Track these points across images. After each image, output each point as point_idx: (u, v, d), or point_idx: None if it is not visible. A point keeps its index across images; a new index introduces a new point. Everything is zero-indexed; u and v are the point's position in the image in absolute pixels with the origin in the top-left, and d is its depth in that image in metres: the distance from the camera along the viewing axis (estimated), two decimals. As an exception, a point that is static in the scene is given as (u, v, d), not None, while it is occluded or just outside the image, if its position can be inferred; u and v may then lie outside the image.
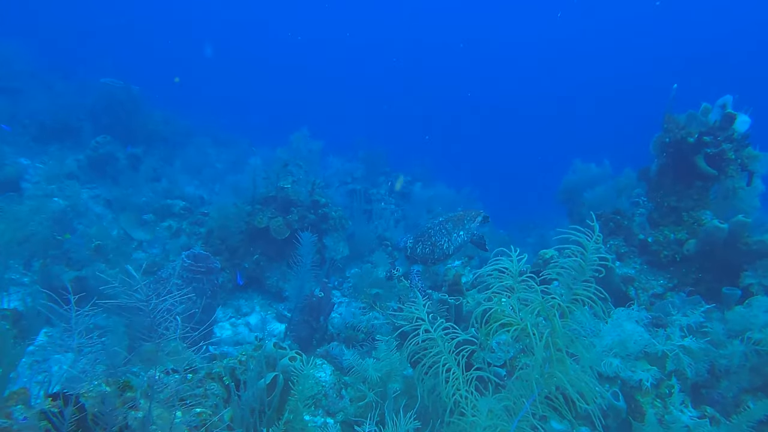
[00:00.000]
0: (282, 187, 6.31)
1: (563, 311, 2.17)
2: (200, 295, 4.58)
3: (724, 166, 4.47)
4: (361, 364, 3.02)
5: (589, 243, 2.22)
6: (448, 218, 4.25)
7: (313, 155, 6.88)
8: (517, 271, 2.32)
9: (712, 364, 2.84)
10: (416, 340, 2.24)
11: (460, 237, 4.13)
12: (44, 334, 4.90)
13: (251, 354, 2.85)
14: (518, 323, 2.14)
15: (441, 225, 4.21)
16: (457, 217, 4.28)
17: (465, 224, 4.22)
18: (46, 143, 10.90)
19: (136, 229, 6.56)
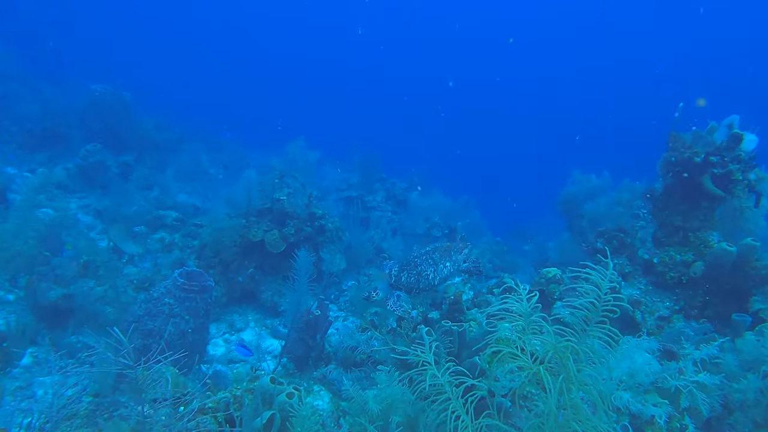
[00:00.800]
0: (278, 199, 6.20)
1: (578, 353, 2.08)
2: (193, 314, 4.47)
3: (732, 186, 4.43)
4: (361, 396, 2.91)
5: (603, 282, 2.14)
6: (435, 248, 4.23)
7: (309, 166, 6.78)
8: (527, 310, 2.23)
9: (725, 398, 2.77)
10: (423, 386, 2.13)
11: (446, 268, 4.12)
12: (29, 354, 4.75)
13: (246, 387, 2.74)
14: (531, 367, 2.05)
15: (428, 254, 4.19)
16: (445, 247, 4.24)
17: (452, 255, 4.21)
18: (33, 151, 10.73)
19: (127, 241, 6.42)
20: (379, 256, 7.71)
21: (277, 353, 5.51)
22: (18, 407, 3.70)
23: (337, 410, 3.42)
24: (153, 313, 4.28)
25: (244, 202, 6.20)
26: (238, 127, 20.96)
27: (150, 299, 4.34)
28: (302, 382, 4.20)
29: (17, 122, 11.44)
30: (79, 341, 5.04)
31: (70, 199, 8.89)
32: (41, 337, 5.01)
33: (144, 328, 4.24)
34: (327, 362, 4.83)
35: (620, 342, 3.09)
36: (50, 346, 4.92)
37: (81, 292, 5.11)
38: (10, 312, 5.31)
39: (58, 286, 5.20)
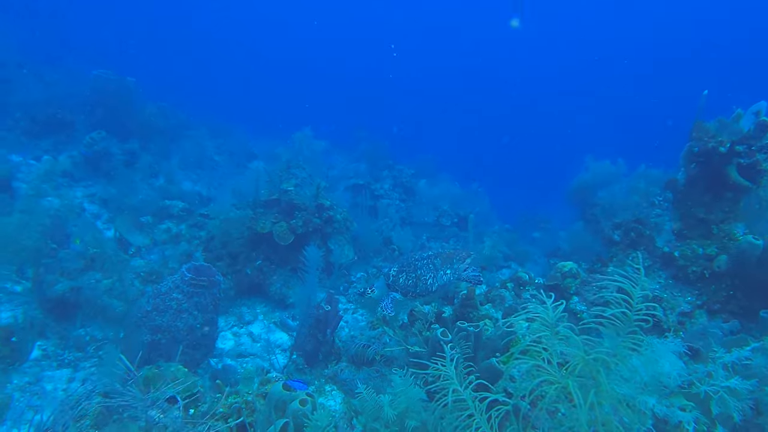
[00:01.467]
0: (285, 190, 6.10)
1: (608, 365, 1.98)
2: (202, 310, 4.41)
3: (758, 177, 4.26)
4: (375, 400, 2.84)
5: (635, 290, 2.02)
6: (437, 254, 4.18)
7: (316, 155, 6.66)
8: (553, 319, 2.12)
9: (756, 402, 2.67)
10: (445, 401, 2.04)
11: (447, 275, 4.08)
12: (38, 347, 4.73)
13: (257, 392, 2.68)
14: (558, 380, 1.96)
15: (429, 259, 4.14)
16: (447, 254, 4.19)
17: (453, 263, 4.16)
18: (38, 138, 10.66)
19: (134, 232, 6.37)
20: (389, 247, 7.61)
21: (286, 347, 5.48)
22: (28, 403, 3.67)
23: (350, 410, 3.37)
24: (161, 308, 4.23)
25: (251, 193, 6.11)
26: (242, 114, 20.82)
27: (158, 294, 4.29)
28: (313, 380, 4.15)
29: (21, 108, 11.35)
30: (88, 334, 5.02)
31: (75, 188, 8.85)
32: (49, 330, 5.00)
33: (152, 323, 4.20)
34: (337, 357, 4.78)
35: (645, 345, 2.99)
36: (58, 339, 4.91)
37: (88, 285, 5.08)
38: (17, 304, 5.30)
39: (65, 279, 5.16)
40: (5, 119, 10.98)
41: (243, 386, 3.79)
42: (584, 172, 9.63)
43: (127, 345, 4.17)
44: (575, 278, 4.83)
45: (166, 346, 4.21)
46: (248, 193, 6.29)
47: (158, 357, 4.19)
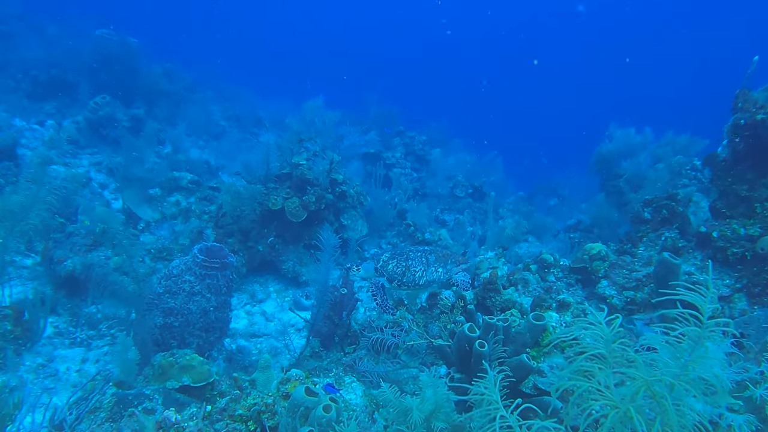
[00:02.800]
0: (297, 164, 5.86)
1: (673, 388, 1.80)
2: (215, 292, 4.29)
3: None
4: (401, 402, 2.71)
5: (705, 303, 1.81)
6: (433, 250, 4.05)
7: (329, 127, 6.36)
8: (610, 335, 1.92)
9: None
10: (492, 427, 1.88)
11: (437, 273, 3.95)
12: (50, 324, 4.68)
13: (278, 392, 2.55)
14: (616, 404, 1.78)
15: (423, 253, 4.01)
16: (443, 254, 4.07)
17: (447, 264, 4.05)
18: (41, 100, 10.43)
19: (142, 206, 6.21)
20: (403, 222, 7.41)
21: (300, 326, 5.41)
22: (42, 386, 3.63)
23: (371, 403, 3.28)
24: (173, 290, 4.11)
25: (262, 167, 5.87)
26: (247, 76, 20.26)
27: (170, 276, 4.16)
28: (331, 366, 4.06)
29: (22, 67, 11.08)
30: (99, 311, 4.96)
31: (81, 156, 8.68)
32: (60, 306, 4.94)
33: (165, 305, 4.09)
34: (354, 340, 4.69)
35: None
36: (70, 317, 4.86)
37: (98, 262, 4.97)
38: (27, 279, 5.23)
39: (74, 255, 5.06)
40: (6, 80, 10.73)
41: (259, 374, 3.71)
42: (607, 142, 9.23)
43: (139, 327, 4.08)
44: (604, 261, 4.63)
45: (179, 329, 4.12)
46: (258, 166, 6.06)
47: (171, 339, 4.11)
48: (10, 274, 5.13)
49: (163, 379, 3.31)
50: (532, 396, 3.19)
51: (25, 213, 4.29)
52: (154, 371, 3.36)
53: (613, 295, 4.30)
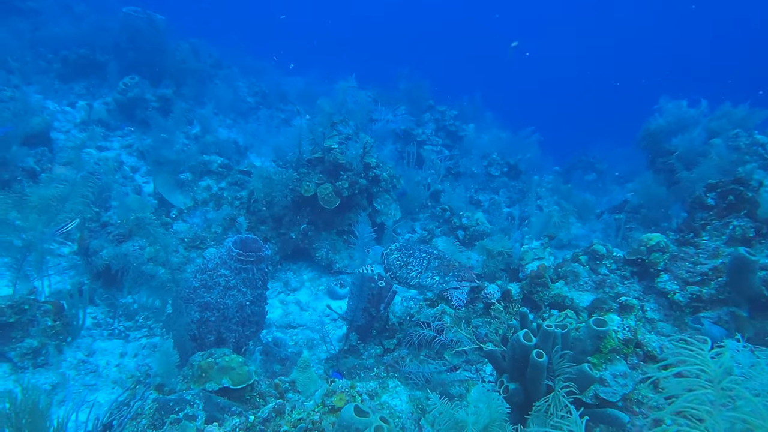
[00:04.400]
0: (329, 148, 5.64)
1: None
2: (250, 286, 4.19)
3: None
4: (452, 415, 2.54)
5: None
6: (439, 256, 3.75)
7: (361, 108, 6.07)
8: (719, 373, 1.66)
9: None
10: None
11: (432, 281, 3.66)
12: (88, 315, 4.71)
13: (324, 407, 2.42)
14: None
15: (428, 256, 3.73)
16: (448, 264, 3.74)
17: (447, 276, 3.69)
18: (71, 81, 10.47)
19: (174, 191, 6.14)
20: (438, 205, 7.13)
21: (334, 316, 5.30)
22: (83, 382, 3.63)
23: (417, 409, 3.13)
24: (209, 285, 4.03)
25: (293, 151, 5.67)
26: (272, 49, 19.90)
27: (205, 270, 4.07)
28: (371, 364, 3.94)
29: (52, 46, 11.13)
30: (136, 302, 4.96)
31: (111, 139, 8.68)
32: (98, 296, 4.96)
33: (201, 300, 4.02)
34: (392, 333, 4.55)
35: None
36: (107, 307, 4.88)
37: (132, 252, 4.94)
38: (64, 268, 5.27)
39: (109, 245, 5.04)
40: (38, 60, 10.77)
41: (299, 374, 3.62)
42: (656, 116, 8.62)
43: (176, 321, 4.03)
44: (663, 252, 4.27)
45: (216, 323, 4.06)
46: (289, 149, 5.86)
47: (208, 334, 4.06)
48: (48, 263, 5.17)
49: (202, 380, 3.24)
50: (593, 406, 2.98)
51: (62, 204, 4.24)
52: (194, 372, 3.30)
53: (675, 291, 3.97)
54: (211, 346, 4.02)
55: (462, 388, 3.55)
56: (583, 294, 4.17)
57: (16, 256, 4.00)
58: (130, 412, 2.81)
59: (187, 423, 2.80)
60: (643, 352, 3.09)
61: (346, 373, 3.92)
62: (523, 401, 2.88)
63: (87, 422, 2.92)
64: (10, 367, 3.32)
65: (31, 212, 4.11)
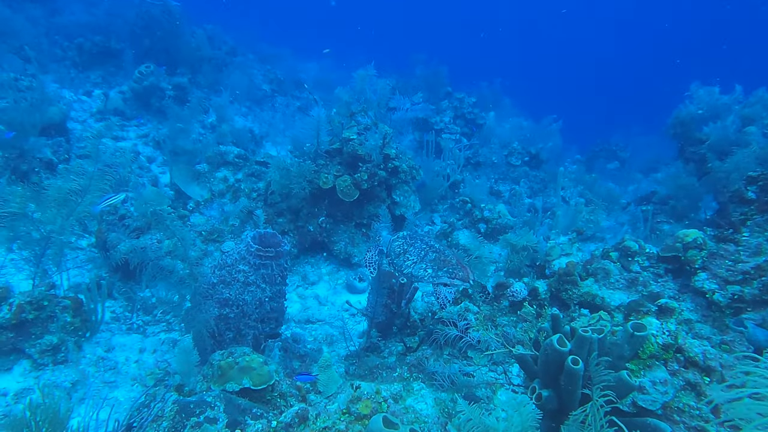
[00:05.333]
0: (348, 139, 5.50)
1: None
2: (269, 282, 4.11)
3: None
4: (482, 422, 2.43)
5: None
6: (437, 250, 3.67)
7: (381, 97, 5.89)
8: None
9: None
10: None
11: (425, 273, 3.59)
12: (107, 309, 4.70)
13: (350, 417, 2.32)
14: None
15: (427, 248, 3.66)
16: (443, 259, 3.64)
17: (440, 271, 3.60)
18: (86, 69, 10.46)
19: (191, 183, 6.08)
20: (459, 198, 6.96)
21: (353, 311, 5.21)
22: (102, 379, 3.61)
23: (443, 414, 3.03)
24: (228, 281, 3.95)
25: (311, 142, 5.54)
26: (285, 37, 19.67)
27: (224, 266, 4.00)
28: (393, 363, 3.84)
29: (67, 33, 11.12)
30: (154, 295, 4.93)
31: (128, 128, 8.66)
32: (116, 289, 4.94)
33: (219, 296, 3.95)
34: (413, 330, 4.45)
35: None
36: (126, 301, 4.86)
37: (150, 246, 4.90)
38: (83, 260, 5.26)
39: (127, 239, 5.01)
40: (53, 48, 10.77)
41: (320, 374, 3.54)
42: (687, 103, 8.27)
43: (194, 317, 3.98)
44: (701, 249, 4.07)
45: (235, 320, 3.99)
46: (306, 139, 5.73)
47: (227, 331, 4.00)
48: (66, 256, 5.16)
49: (222, 380, 3.18)
50: (631, 415, 2.84)
51: (80, 197, 4.19)
52: (213, 372, 3.23)
53: (715, 290, 3.78)
54: (230, 343, 3.97)
55: (489, 390, 3.43)
56: (614, 292, 4.01)
57: (34, 250, 3.97)
58: (151, 415, 2.75)
59: (208, 426, 2.74)
60: (685, 357, 2.92)
61: (368, 373, 3.84)
62: (556, 409, 2.76)
63: (108, 421, 2.89)
64: (31, 364, 3.30)
65: (49, 205, 4.07)
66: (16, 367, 3.26)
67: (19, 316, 3.28)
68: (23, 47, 9.17)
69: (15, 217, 3.77)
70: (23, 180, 5.61)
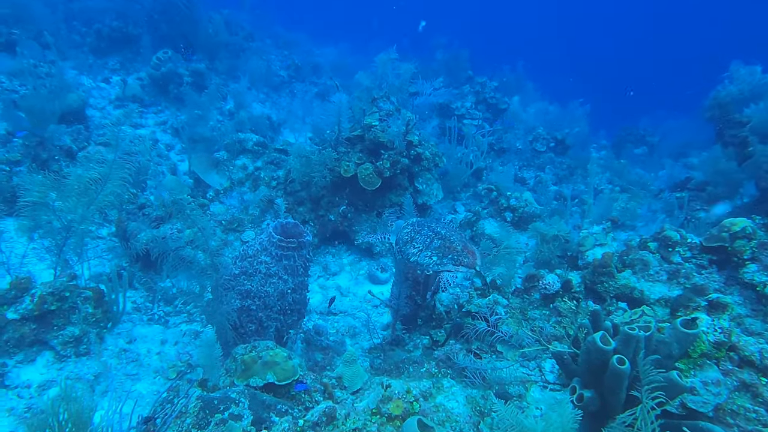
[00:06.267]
0: (370, 126, 5.33)
1: None
2: (292, 273, 4.01)
3: None
4: (519, 421, 2.30)
5: None
6: (443, 237, 3.62)
7: (403, 82, 5.69)
8: None
9: None
10: None
11: (429, 260, 3.57)
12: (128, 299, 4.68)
13: (381, 418, 2.21)
14: None
15: (434, 235, 3.63)
16: (448, 246, 3.59)
17: (444, 258, 3.56)
18: (104, 55, 10.44)
19: (210, 171, 6.01)
20: (486, 188, 6.74)
21: (376, 302, 5.11)
22: (125, 372, 3.58)
23: (475, 412, 2.91)
24: (249, 272, 3.87)
25: (331, 128, 5.40)
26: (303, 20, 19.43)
27: (245, 256, 3.92)
28: (419, 357, 3.73)
29: (85, 19, 11.12)
30: (174, 286, 4.90)
31: (146, 115, 8.63)
32: (136, 279, 4.92)
33: (241, 288, 3.88)
34: (439, 323, 4.32)
35: None
36: (146, 291, 4.84)
37: (170, 235, 4.85)
38: (103, 250, 5.25)
39: (147, 228, 4.97)
40: (72, 34, 10.78)
41: (345, 369, 3.45)
42: (726, 83, 7.85)
43: (216, 309, 3.91)
44: (750, 239, 3.81)
45: (257, 312, 3.92)
46: (326, 126, 5.59)
47: (249, 323, 3.93)
48: (87, 245, 5.15)
49: (246, 375, 3.11)
50: (681, 417, 2.68)
51: (101, 186, 4.14)
52: (237, 366, 3.16)
53: (766, 283, 3.54)
54: (252, 336, 3.91)
55: (521, 387, 3.30)
56: (654, 285, 3.81)
57: (56, 240, 3.94)
58: (175, 411, 2.69)
59: (233, 423, 2.67)
60: (739, 356, 2.74)
61: (394, 368, 3.73)
62: (598, 410, 2.61)
63: (131, 415, 2.85)
64: (54, 356, 3.28)
65: (70, 194, 4.02)
66: (39, 359, 3.25)
67: (42, 307, 3.26)
68: (42, 33, 9.17)
69: (36, 207, 3.73)
70: (44, 168, 5.61)
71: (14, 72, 7.93)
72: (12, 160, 5.71)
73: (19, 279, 3.38)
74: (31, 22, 9.71)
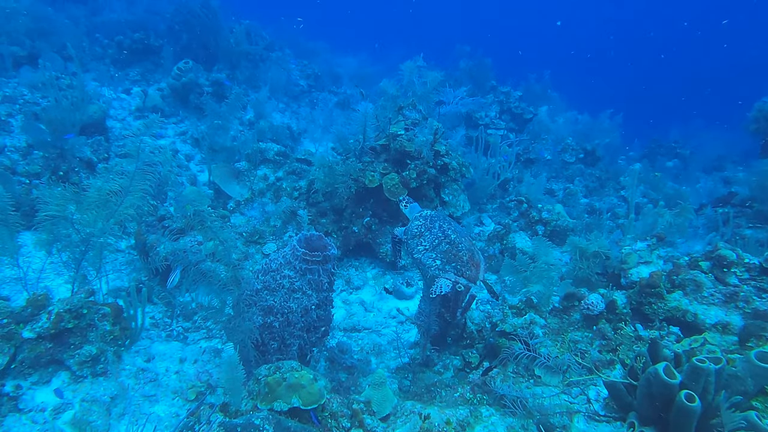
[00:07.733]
0: (395, 135, 5.20)
1: None
2: (316, 288, 3.86)
3: None
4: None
5: None
6: (451, 242, 3.62)
7: (430, 91, 5.57)
8: None
9: None
10: None
11: (433, 262, 3.61)
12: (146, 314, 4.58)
13: None
14: None
15: (443, 238, 3.63)
16: (454, 253, 3.61)
17: (446, 265, 3.58)
18: (125, 66, 10.60)
19: (230, 182, 5.95)
20: (515, 199, 6.53)
21: (401, 318, 4.93)
22: (142, 393, 3.46)
23: (516, 446, 2.70)
24: (272, 287, 3.74)
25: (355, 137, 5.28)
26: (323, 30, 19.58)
27: (268, 270, 3.78)
28: (451, 380, 3.53)
29: (106, 31, 11.33)
30: (194, 300, 4.80)
31: (166, 125, 8.67)
32: (155, 294, 4.83)
33: (264, 303, 3.74)
34: (470, 342, 4.12)
35: None
36: (165, 306, 4.74)
37: (190, 248, 4.76)
38: (122, 263, 5.19)
39: (167, 240, 4.89)
40: (94, 47, 10.98)
41: (373, 392, 3.28)
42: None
43: (237, 325, 3.78)
44: (812, 260, 3.56)
45: (279, 329, 3.77)
46: (349, 135, 5.48)
47: (271, 341, 3.79)
48: (106, 258, 5.09)
49: (270, 399, 2.95)
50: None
51: (121, 199, 4.07)
52: (260, 388, 3.02)
53: (830, 311, 3.27)
54: (274, 354, 3.76)
55: (565, 417, 3.06)
56: (709, 308, 3.56)
57: (74, 254, 3.88)
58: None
59: (256, 452, 2.52)
60: None
61: (425, 391, 3.54)
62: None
63: (148, 439, 2.72)
64: (69, 376, 3.18)
65: (89, 207, 3.97)
66: (54, 380, 3.14)
67: (58, 325, 3.17)
68: (65, 46, 9.34)
69: (55, 220, 3.67)
70: (63, 180, 5.61)
71: (36, 84, 8.05)
72: (32, 173, 5.73)
73: (36, 296, 3.30)
74: (54, 35, 9.91)
